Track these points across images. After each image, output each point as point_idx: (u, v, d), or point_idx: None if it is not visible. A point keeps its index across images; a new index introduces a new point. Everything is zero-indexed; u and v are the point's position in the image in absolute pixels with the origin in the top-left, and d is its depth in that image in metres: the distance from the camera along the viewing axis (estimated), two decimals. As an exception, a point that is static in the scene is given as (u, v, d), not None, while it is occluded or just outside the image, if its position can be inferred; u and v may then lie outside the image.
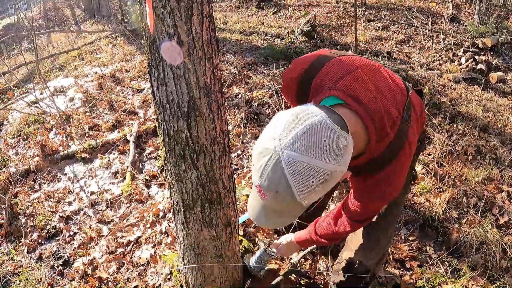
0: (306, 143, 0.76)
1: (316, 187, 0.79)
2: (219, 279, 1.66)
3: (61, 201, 2.96)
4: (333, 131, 0.79)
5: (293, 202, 0.81)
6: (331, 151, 0.78)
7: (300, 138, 0.77)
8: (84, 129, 3.74)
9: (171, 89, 1.21)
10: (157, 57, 1.19)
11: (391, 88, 1.11)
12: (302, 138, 0.77)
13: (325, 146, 0.77)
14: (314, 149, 0.76)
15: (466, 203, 2.57)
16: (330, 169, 0.78)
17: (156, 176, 3.05)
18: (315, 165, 0.76)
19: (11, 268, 2.37)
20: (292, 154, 0.76)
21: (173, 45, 1.15)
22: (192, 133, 1.27)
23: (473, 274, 2.08)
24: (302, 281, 2.03)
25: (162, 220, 2.52)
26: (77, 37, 7.39)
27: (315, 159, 0.76)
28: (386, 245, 1.63)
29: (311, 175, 0.77)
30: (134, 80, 4.60)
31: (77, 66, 5.58)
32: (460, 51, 4.54)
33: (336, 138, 0.79)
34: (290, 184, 0.78)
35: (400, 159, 1.10)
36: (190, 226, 1.48)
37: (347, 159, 0.83)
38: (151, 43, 1.18)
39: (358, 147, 1.00)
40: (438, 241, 2.36)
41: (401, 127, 1.08)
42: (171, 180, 1.41)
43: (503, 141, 3.17)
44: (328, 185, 0.82)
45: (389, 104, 1.06)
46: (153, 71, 1.24)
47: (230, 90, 3.90)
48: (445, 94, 3.69)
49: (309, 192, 0.80)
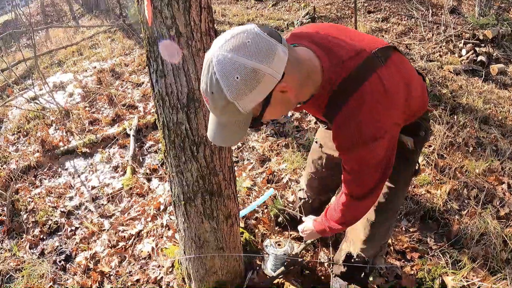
0: (232, 44, 0.85)
1: (244, 85, 0.85)
2: (220, 271, 1.67)
3: (62, 196, 2.97)
4: (258, 35, 0.86)
5: (228, 104, 0.88)
6: (253, 50, 0.85)
7: (228, 41, 0.86)
8: (84, 124, 3.74)
9: (170, 81, 1.21)
10: (155, 49, 1.19)
11: (364, 36, 1.15)
12: (230, 41, 0.86)
13: (248, 45, 0.85)
14: (238, 48, 0.85)
15: (466, 195, 2.57)
16: (252, 66, 0.84)
17: (156, 170, 3.05)
18: (237, 61, 0.84)
19: (13, 264, 2.38)
20: (220, 53, 0.85)
21: (171, 36, 1.14)
22: (192, 125, 1.27)
23: (473, 266, 2.09)
24: (304, 272, 2.05)
25: (163, 213, 2.53)
26: (75, 32, 7.36)
27: (238, 56, 0.84)
28: (385, 237, 1.63)
29: (235, 70, 0.84)
30: (133, 74, 4.59)
31: (76, 61, 5.56)
32: (460, 42, 4.51)
33: (260, 40, 0.86)
34: (219, 81, 0.86)
35: (366, 90, 1.02)
36: (191, 219, 1.48)
37: (278, 64, 0.87)
38: (149, 35, 1.18)
39: (313, 79, 1.03)
40: (439, 233, 2.37)
41: (368, 60, 1.05)
42: (171, 173, 1.41)
43: (504, 133, 3.16)
44: (259, 88, 0.87)
45: (353, 42, 1.09)
46: (152, 63, 1.23)
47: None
48: (445, 86, 3.67)
49: (238, 90, 0.85)
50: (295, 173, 2.72)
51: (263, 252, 2.12)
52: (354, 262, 1.66)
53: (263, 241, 2.21)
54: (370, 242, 1.60)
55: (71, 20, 8.64)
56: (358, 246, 1.63)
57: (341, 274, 1.80)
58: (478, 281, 2.03)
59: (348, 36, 1.13)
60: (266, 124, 3.37)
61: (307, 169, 1.98)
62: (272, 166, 2.84)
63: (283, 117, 3.39)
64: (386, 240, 1.68)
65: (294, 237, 2.25)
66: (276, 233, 2.28)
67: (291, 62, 0.91)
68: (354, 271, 1.72)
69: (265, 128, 3.30)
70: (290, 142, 3.07)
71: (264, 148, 3.03)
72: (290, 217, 2.27)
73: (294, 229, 2.28)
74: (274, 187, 2.61)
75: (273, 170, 2.79)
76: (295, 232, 2.27)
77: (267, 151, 3.02)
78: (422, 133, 1.35)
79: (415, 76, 1.24)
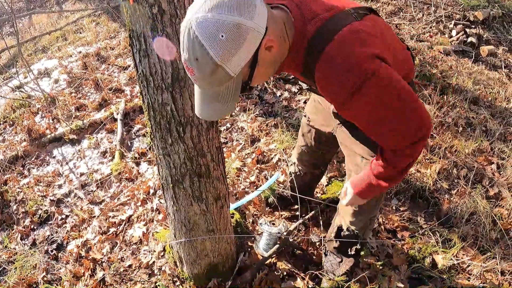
0: (209, 3, 0.82)
1: (229, 43, 0.82)
2: (211, 254, 1.67)
3: (51, 185, 2.93)
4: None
5: (216, 68, 0.85)
6: (233, 6, 0.82)
7: (205, 2, 0.83)
8: (71, 110, 3.66)
9: (154, 60, 1.17)
10: (138, 28, 1.14)
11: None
12: (206, 2, 0.83)
13: (226, 2, 0.82)
14: (217, 5, 0.82)
15: (456, 174, 2.59)
16: (235, 21, 0.81)
17: (145, 153, 3.02)
18: (219, 18, 0.81)
19: (5, 257, 2.36)
20: (199, 16, 0.82)
21: (154, 14, 1.10)
22: (177, 105, 1.23)
23: (463, 245, 2.12)
24: (295, 252, 2.06)
25: (153, 197, 2.51)
26: (59, 17, 7.14)
27: (219, 14, 0.81)
28: (373, 211, 1.63)
29: (218, 29, 0.81)
30: (119, 57, 4.49)
31: (60, 47, 5.41)
32: (451, 23, 4.49)
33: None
34: (203, 43, 0.82)
35: (341, 36, 0.95)
36: (180, 201, 1.46)
37: (260, 17, 0.85)
38: (131, 13, 1.13)
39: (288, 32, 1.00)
40: (429, 212, 2.40)
41: (342, 13, 1.02)
42: (158, 155, 1.39)
43: (493, 113, 3.18)
44: (245, 45, 0.84)
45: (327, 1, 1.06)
46: (134, 43, 1.19)
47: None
48: (435, 66, 3.66)
49: (225, 49, 0.82)
50: (285, 152, 2.72)
51: (254, 233, 2.13)
52: (344, 235, 1.67)
53: (255, 222, 2.21)
54: (358, 215, 1.61)
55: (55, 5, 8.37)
56: (348, 219, 1.65)
57: (334, 249, 1.81)
58: (468, 259, 2.07)
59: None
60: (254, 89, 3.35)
61: (298, 142, 1.97)
62: (261, 146, 2.83)
63: (272, 97, 3.35)
64: (375, 214, 1.68)
65: (285, 217, 2.26)
66: (267, 213, 2.29)
67: (268, 18, 0.88)
68: (346, 246, 1.74)
69: (254, 108, 3.26)
70: (279, 122, 3.05)
71: (253, 129, 3.01)
72: (280, 197, 2.27)
73: (285, 210, 2.28)
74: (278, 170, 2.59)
75: (263, 151, 2.78)
76: (286, 212, 2.28)
77: (256, 131, 3.00)
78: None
79: (396, 39, 1.21)
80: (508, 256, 2.12)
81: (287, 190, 2.22)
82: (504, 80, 3.67)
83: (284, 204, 2.27)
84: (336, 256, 1.83)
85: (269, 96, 3.37)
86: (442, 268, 2.02)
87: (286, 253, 2.02)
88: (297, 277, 1.91)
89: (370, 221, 1.68)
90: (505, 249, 2.16)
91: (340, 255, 1.81)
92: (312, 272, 1.89)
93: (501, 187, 2.51)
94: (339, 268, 1.81)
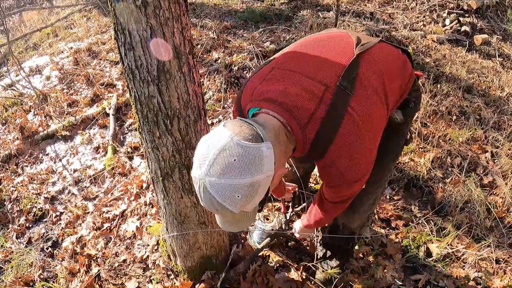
0: (220, 166, 0.84)
1: (246, 198, 0.87)
2: (204, 246, 1.66)
3: (45, 182, 2.92)
4: (241, 147, 0.85)
5: (235, 214, 0.90)
6: (243, 167, 0.85)
7: (214, 163, 0.85)
8: (63, 106, 3.64)
9: (139, 53, 1.16)
10: (122, 20, 1.13)
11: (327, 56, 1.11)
12: (216, 163, 0.85)
13: (236, 165, 0.84)
14: (227, 171, 0.84)
15: (450, 163, 2.59)
16: (248, 182, 0.85)
17: (138, 148, 3.01)
18: (232, 183, 0.84)
19: (1, 256, 2.36)
20: (211, 180, 0.85)
21: (137, 6, 1.08)
22: (164, 98, 1.22)
23: (458, 233, 2.12)
24: (289, 243, 2.06)
25: (146, 191, 2.50)
26: (49, 14, 7.05)
27: (231, 179, 0.84)
28: (371, 208, 1.63)
29: (234, 191, 0.85)
30: (110, 52, 4.45)
31: (51, 43, 5.36)
32: (444, 12, 4.46)
33: (244, 153, 0.85)
34: (221, 203, 0.87)
35: (343, 133, 1.01)
36: (170, 195, 1.45)
37: (268, 164, 0.89)
38: (116, 7, 1.12)
39: (290, 140, 1.03)
40: (423, 201, 2.40)
41: (335, 99, 1.01)
42: (147, 149, 1.38)
43: (487, 102, 3.17)
44: (259, 192, 0.90)
45: (314, 76, 1.05)
46: (119, 36, 1.18)
47: (209, 56, 3.79)
48: (429, 55, 3.65)
49: (242, 204, 0.88)
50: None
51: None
52: (340, 233, 1.66)
53: None
54: (356, 214, 1.60)
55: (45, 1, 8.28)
56: (343, 217, 1.63)
57: (325, 245, 1.81)
58: (462, 248, 2.08)
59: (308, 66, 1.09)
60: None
61: None
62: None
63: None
64: (373, 211, 1.68)
65: (278, 208, 2.25)
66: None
67: (271, 140, 0.92)
68: (339, 241, 1.73)
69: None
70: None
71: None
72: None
73: (277, 201, 2.28)
74: None
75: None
76: (279, 203, 2.27)
77: (250, 121, 2.99)
78: (412, 104, 1.33)
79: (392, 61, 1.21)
80: (502, 244, 2.12)
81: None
82: (498, 69, 3.66)
83: (277, 195, 2.26)
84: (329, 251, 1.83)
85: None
86: (437, 257, 2.03)
87: (279, 244, 2.02)
88: (291, 268, 1.91)
89: (368, 218, 1.68)
90: (499, 237, 2.17)
91: (334, 249, 1.82)
92: (306, 264, 1.89)
93: (495, 175, 2.52)
94: (333, 260, 1.81)
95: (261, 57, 3.42)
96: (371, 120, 1.06)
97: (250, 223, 1.05)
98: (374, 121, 1.09)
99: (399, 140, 1.43)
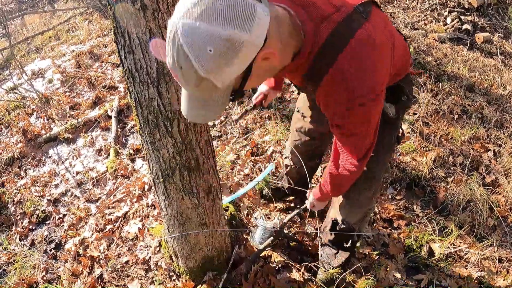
0: (200, 8, 0.71)
1: (218, 59, 0.73)
2: (206, 247, 1.67)
3: (48, 185, 2.93)
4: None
5: (201, 80, 0.77)
6: (228, 15, 0.71)
7: (195, 6, 0.72)
8: (65, 109, 3.66)
9: (138, 56, 1.17)
10: (121, 24, 1.14)
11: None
12: (197, 5, 0.71)
13: (220, 10, 0.71)
14: (208, 14, 0.71)
15: (452, 162, 2.58)
16: (227, 36, 0.71)
17: (140, 150, 3.02)
18: (208, 30, 0.71)
19: (5, 258, 2.37)
20: (186, 22, 0.71)
21: (137, 9, 1.09)
22: (164, 100, 1.23)
23: (460, 232, 2.12)
24: (290, 244, 2.06)
25: (148, 193, 2.51)
26: (51, 17, 7.09)
27: (209, 24, 0.71)
28: (369, 204, 1.63)
29: (207, 42, 0.71)
30: (112, 54, 4.47)
31: (53, 47, 5.38)
32: (445, 11, 4.45)
33: (235, 3, 0.72)
34: (187, 54, 0.73)
35: (353, 47, 0.95)
36: (171, 196, 1.46)
37: (260, 29, 0.76)
38: (115, 9, 1.13)
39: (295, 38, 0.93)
40: (425, 200, 2.39)
41: (351, 15, 0.98)
42: (147, 151, 1.38)
43: (489, 100, 3.16)
44: (234, 58, 0.75)
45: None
46: (119, 39, 1.19)
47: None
48: (430, 54, 3.64)
49: (211, 64, 0.74)
50: (279, 144, 2.71)
51: (249, 225, 2.13)
52: (339, 228, 1.67)
53: (250, 214, 2.21)
54: (354, 208, 1.61)
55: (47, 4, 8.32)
56: (343, 212, 1.64)
57: (329, 242, 1.81)
58: (465, 247, 2.07)
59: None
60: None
61: (291, 137, 1.96)
62: (255, 138, 2.82)
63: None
64: (371, 207, 1.69)
65: (280, 209, 2.25)
66: (261, 205, 2.28)
67: (272, 23, 0.79)
68: (341, 239, 1.74)
69: (248, 101, 3.25)
70: (273, 113, 3.04)
71: (247, 121, 3.01)
72: (275, 189, 2.27)
73: (280, 201, 2.28)
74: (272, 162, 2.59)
75: (257, 143, 2.77)
76: (281, 204, 2.27)
77: (250, 123, 2.99)
78: (404, 97, 1.33)
79: (396, 33, 1.21)
80: (505, 243, 2.12)
81: (282, 182, 2.21)
82: (499, 67, 3.65)
83: (279, 196, 2.26)
84: (331, 248, 1.83)
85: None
86: (439, 256, 2.02)
87: (281, 245, 2.02)
88: (293, 269, 1.91)
89: (366, 214, 1.68)
90: (502, 236, 2.16)
91: (336, 247, 1.82)
92: (307, 264, 1.89)
93: (497, 174, 2.51)
94: (334, 260, 1.81)
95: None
96: (381, 47, 1.01)
97: (219, 111, 0.90)
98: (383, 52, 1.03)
99: (392, 134, 1.43)
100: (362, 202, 1.59)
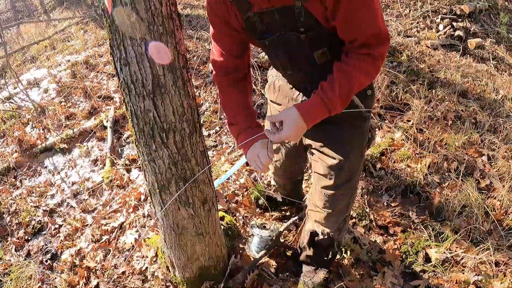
0: None
1: None
2: (202, 257, 1.67)
3: (44, 195, 2.92)
4: None
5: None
6: None
7: None
8: (61, 119, 3.65)
9: (134, 68, 1.19)
10: (117, 36, 1.16)
11: None
12: None
13: None
14: None
15: (447, 168, 2.60)
16: None
17: (135, 160, 3.02)
18: None
19: (1, 269, 2.35)
20: None
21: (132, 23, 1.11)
22: (159, 112, 1.24)
23: (456, 237, 2.12)
24: (286, 252, 2.06)
25: (144, 203, 2.51)
26: (47, 26, 7.11)
27: None
28: (346, 211, 1.63)
29: None
30: (108, 64, 4.48)
31: (49, 56, 5.40)
32: (437, 18, 4.51)
33: None
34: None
35: None
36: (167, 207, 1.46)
37: None
38: (111, 23, 1.14)
39: None
40: (421, 206, 2.40)
41: None
42: (143, 162, 1.39)
43: (482, 105, 3.19)
44: None
45: None
46: (115, 52, 1.21)
47: (205, 67, 3.83)
48: (423, 61, 3.68)
49: None
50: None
51: (245, 235, 2.13)
52: (319, 240, 1.66)
53: (246, 224, 2.22)
54: (331, 217, 1.60)
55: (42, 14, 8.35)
56: (321, 222, 1.64)
57: (307, 258, 1.81)
58: (461, 252, 2.07)
59: None
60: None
61: None
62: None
63: (259, 98, 3.33)
64: (349, 213, 1.68)
65: (276, 218, 2.26)
66: (257, 215, 2.29)
67: None
68: (321, 253, 1.74)
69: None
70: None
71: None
72: (270, 198, 2.28)
73: (275, 210, 2.29)
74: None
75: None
76: (276, 213, 2.28)
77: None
78: (369, 91, 1.37)
79: None
80: (502, 246, 2.12)
81: (276, 194, 2.22)
82: (492, 72, 3.69)
83: (274, 205, 2.27)
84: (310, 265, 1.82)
85: (257, 98, 3.37)
86: (436, 262, 2.03)
87: (277, 254, 2.02)
88: (289, 278, 1.91)
89: (344, 221, 1.68)
90: (498, 240, 2.16)
91: (315, 263, 1.81)
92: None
93: (492, 178, 2.52)
94: (315, 276, 1.80)
95: (256, 67, 3.45)
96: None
97: None
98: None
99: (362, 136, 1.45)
100: (340, 211, 1.59)
